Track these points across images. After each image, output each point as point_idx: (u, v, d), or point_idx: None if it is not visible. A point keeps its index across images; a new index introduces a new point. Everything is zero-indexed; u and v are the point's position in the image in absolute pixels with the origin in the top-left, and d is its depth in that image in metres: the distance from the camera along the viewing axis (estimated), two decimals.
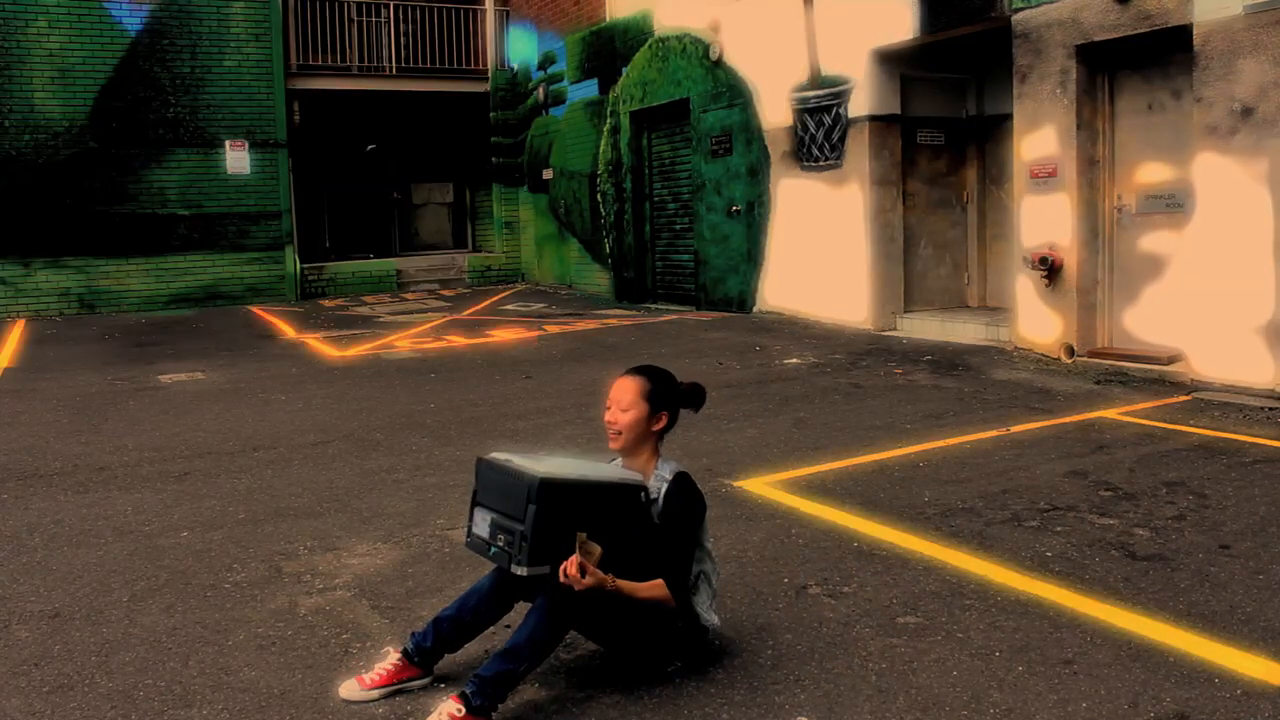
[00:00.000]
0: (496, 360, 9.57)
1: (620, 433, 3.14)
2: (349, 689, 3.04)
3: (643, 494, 3.02)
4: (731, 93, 12.16)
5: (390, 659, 3.08)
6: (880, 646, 3.29)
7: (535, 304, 14.67)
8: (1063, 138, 8.31)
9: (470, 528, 3.08)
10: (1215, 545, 4.12)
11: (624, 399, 3.14)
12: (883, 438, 6.08)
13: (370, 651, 3.32)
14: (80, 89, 14.70)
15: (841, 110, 10.56)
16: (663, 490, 3.12)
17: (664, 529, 3.07)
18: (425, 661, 3.09)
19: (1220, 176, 7.17)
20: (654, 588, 2.99)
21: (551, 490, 2.83)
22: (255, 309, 14.99)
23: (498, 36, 17.70)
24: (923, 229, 10.79)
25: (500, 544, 2.91)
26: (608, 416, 3.16)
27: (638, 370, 3.22)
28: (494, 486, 2.99)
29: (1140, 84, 8.12)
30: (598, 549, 2.86)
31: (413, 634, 3.13)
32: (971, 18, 9.10)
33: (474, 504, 3.08)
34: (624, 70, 14.32)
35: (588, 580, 2.80)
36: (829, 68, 10.72)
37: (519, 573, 2.83)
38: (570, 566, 2.78)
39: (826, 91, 10.74)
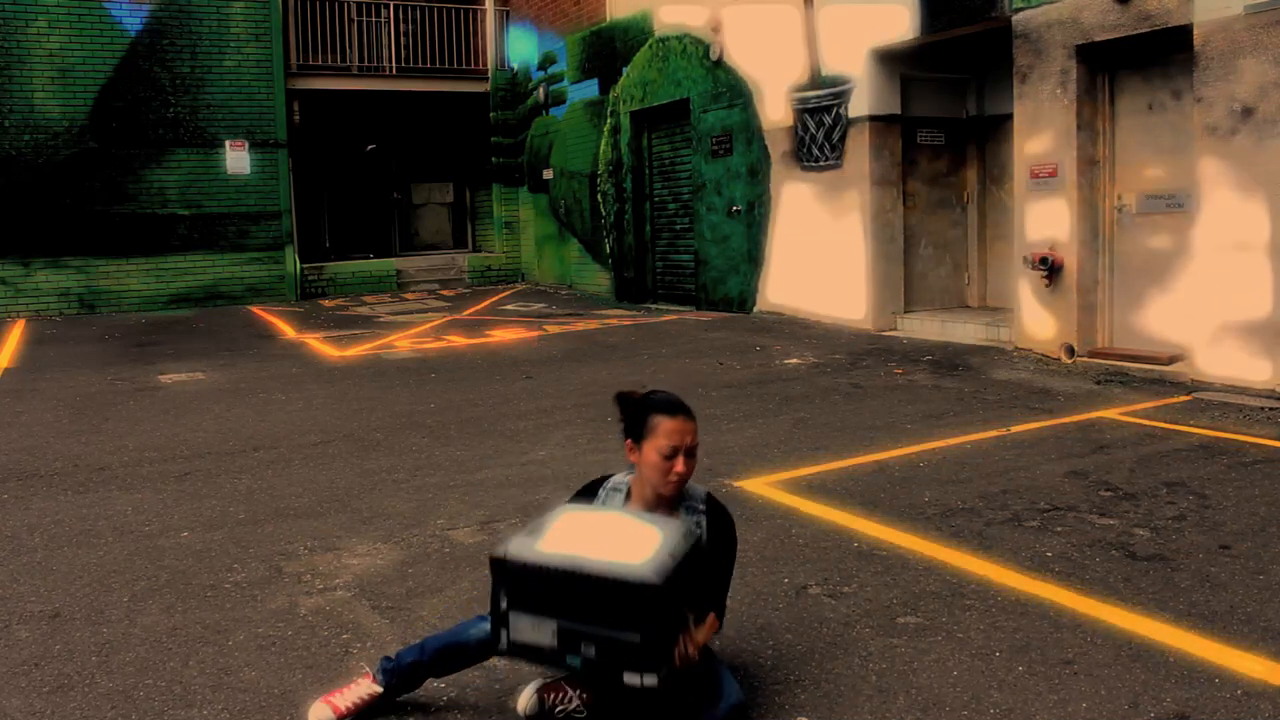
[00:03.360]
0: (496, 360, 9.57)
1: (683, 482, 2.81)
2: (319, 712, 2.87)
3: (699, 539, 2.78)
4: (732, 93, 12.16)
5: (366, 686, 2.91)
6: (880, 646, 3.29)
7: (535, 304, 14.67)
8: (1063, 138, 8.30)
9: (507, 634, 2.57)
10: (1215, 545, 4.12)
11: (694, 442, 2.79)
12: (883, 438, 6.08)
13: (370, 652, 3.32)
14: (80, 89, 14.69)
15: (841, 110, 10.56)
16: (703, 516, 2.88)
17: (714, 558, 2.87)
18: (409, 685, 2.94)
19: (1220, 176, 7.17)
20: (711, 626, 2.82)
21: (672, 584, 2.47)
22: (255, 309, 14.98)
23: (498, 36, 17.69)
24: (923, 229, 10.78)
25: (591, 654, 2.48)
26: (679, 468, 2.74)
27: (687, 409, 2.83)
28: (551, 591, 2.53)
29: (1140, 84, 8.12)
30: (692, 616, 2.64)
31: (395, 654, 2.99)
32: (971, 18, 9.10)
33: (509, 609, 2.57)
34: (624, 70, 14.31)
35: (694, 654, 2.58)
36: (829, 68, 10.72)
37: (646, 684, 2.45)
38: (690, 647, 2.56)
39: (826, 91, 10.74)
